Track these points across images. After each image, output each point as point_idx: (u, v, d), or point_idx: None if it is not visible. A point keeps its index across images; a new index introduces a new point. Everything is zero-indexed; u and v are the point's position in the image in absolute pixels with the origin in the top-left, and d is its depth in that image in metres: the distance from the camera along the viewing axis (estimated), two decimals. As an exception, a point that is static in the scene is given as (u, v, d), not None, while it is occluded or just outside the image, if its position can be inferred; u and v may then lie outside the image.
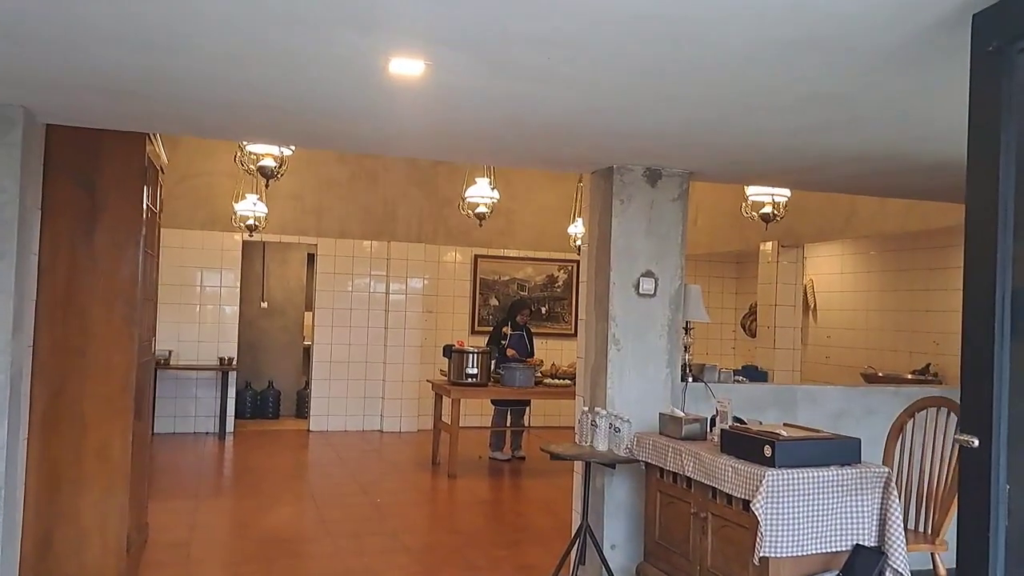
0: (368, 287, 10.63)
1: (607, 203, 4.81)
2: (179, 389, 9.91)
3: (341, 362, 10.51)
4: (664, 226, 4.85)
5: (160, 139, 5.14)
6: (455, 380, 8.11)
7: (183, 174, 9.93)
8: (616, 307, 4.76)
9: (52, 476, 4.31)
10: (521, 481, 8.16)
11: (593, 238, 4.99)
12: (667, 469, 4.10)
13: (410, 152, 5.33)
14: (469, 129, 3.93)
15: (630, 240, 4.79)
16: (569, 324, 11.47)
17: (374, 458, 8.90)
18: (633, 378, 4.78)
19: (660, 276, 4.84)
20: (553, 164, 5.08)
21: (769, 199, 6.75)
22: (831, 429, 4.71)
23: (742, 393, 5.04)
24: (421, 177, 10.77)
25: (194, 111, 3.82)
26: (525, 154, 4.61)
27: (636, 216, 4.79)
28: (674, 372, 4.87)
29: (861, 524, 3.47)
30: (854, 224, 7.90)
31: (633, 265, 4.79)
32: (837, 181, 5.19)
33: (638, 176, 4.80)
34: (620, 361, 4.75)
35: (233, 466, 8.57)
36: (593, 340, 4.91)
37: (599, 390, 4.82)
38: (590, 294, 4.99)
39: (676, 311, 4.87)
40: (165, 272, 10.02)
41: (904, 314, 9.20)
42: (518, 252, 11.26)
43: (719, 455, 3.72)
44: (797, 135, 3.87)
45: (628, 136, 3.98)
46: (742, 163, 4.65)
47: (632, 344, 4.78)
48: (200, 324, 10.03)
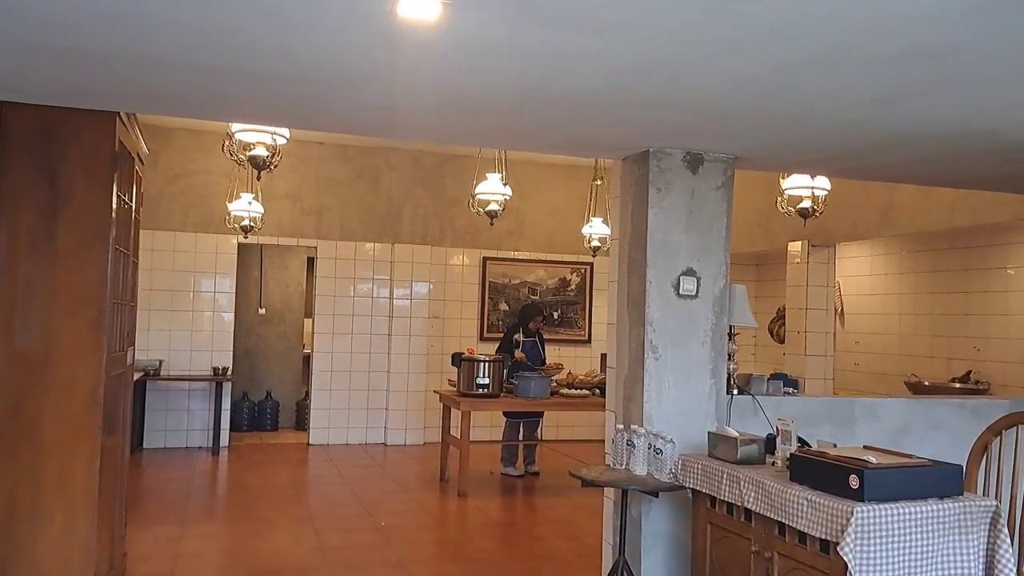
0: (371, 292, 10.07)
1: (642, 192, 4.23)
2: (170, 401, 9.35)
3: (342, 371, 9.94)
4: (706, 218, 4.27)
5: (139, 126, 4.59)
6: (465, 391, 7.53)
7: (176, 173, 9.40)
8: (653, 310, 4.17)
9: (6, 507, 3.74)
10: (536, 500, 7.57)
11: (625, 232, 4.41)
12: (720, 498, 3.51)
13: (414, 134, 4.66)
14: (485, 99, 3.35)
15: (668, 234, 4.21)
16: (583, 330, 10.89)
17: (378, 474, 8.31)
18: (673, 391, 4.20)
19: (702, 275, 4.26)
20: (579, 147, 4.49)
21: (808, 192, 6.17)
22: (892, 447, 4.13)
23: (793, 407, 4.44)
24: (427, 176, 10.21)
25: (167, 80, 3.25)
26: (547, 135, 4.03)
27: (675, 207, 4.22)
28: (719, 384, 4.28)
29: (966, 568, 2.88)
30: (892, 220, 7.31)
31: (672, 262, 4.21)
32: (897, 167, 4.60)
33: (677, 161, 4.22)
34: (658, 371, 4.17)
35: (226, 485, 7.98)
36: (626, 348, 4.33)
37: (634, 404, 4.23)
38: (622, 295, 4.41)
39: (720, 314, 4.29)
40: (156, 277, 9.54)
41: (940, 318, 8.63)
42: (529, 254, 10.69)
43: (788, 484, 3.13)
44: (871, 106, 3.29)
45: (670, 106, 3.39)
46: (792, 145, 4.06)
47: (672, 352, 4.20)
48: (193, 332, 9.46)
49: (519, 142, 4.48)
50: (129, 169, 4.39)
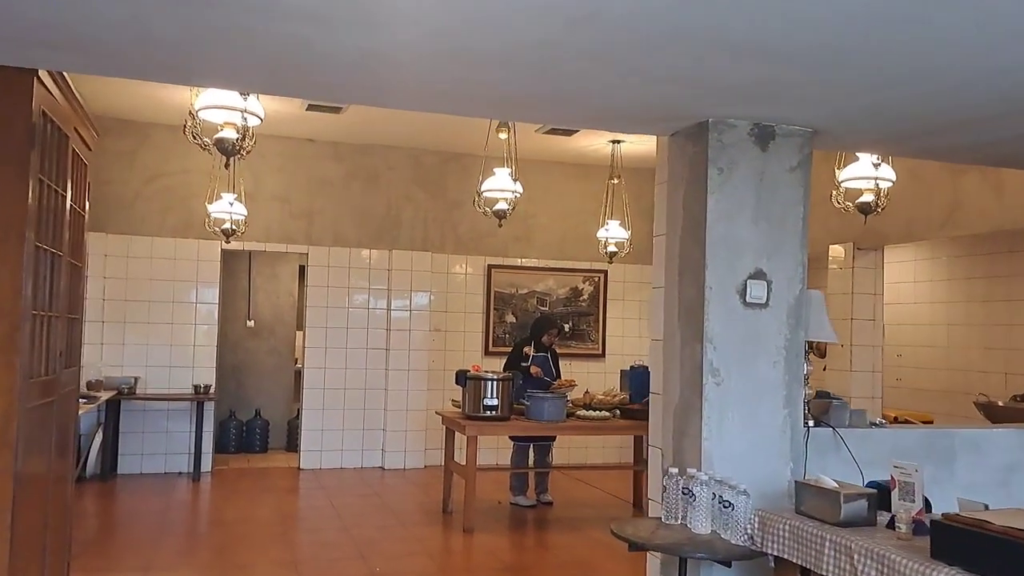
0: (367, 303, 9.23)
1: (698, 174, 3.40)
2: (147, 422, 8.49)
3: (336, 389, 9.08)
4: (778, 206, 3.44)
5: (84, 104, 3.76)
6: (471, 413, 6.68)
7: (153, 173, 8.59)
8: (714, 322, 3.33)
9: None
10: (551, 535, 6.69)
11: (674, 226, 3.57)
12: (821, 573, 2.65)
13: (411, 100, 3.61)
14: (502, 44, 2.52)
15: (732, 227, 3.37)
16: (596, 344, 10.04)
17: (374, 505, 7.44)
18: (738, 424, 3.35)
19: (774, 277, 3.42)
20: (618, 119, 3.63)
21: (870, 184, 5.31)
22: (1002, 486, 3.30)
23: (883, 442, 3.61)
24: (427, 176, 9.39)
25: (83, 18, 2.42)
26: (580, 101, 3.19)
27: (740, 192, 3.38)
28: (794, 414, 3.44)
29: None
30: (958, 220, 6.46)
31: (737, 262, 3.38)
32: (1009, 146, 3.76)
33: (743, 135, 3.39)
34: (720, 400, 3.32)
35: (203, 518, 7.12)
36: (677, 369, 3.48)
37: (688, 441, 3.38)
38: (671, 305, 3.56)
39: (796, 327, 3.44)
40: (133, 287, 8.69)
41: (996, 328, 7.80)
42: (537, 261, 9.85)
43: (930, 564, 2.27)
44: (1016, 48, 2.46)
45: (744, 49, 2.55)
46: (892, 112, 3.23)
47: (736, 375, 3.35)
48: (173, 346, 8.61)
49: (541, 111, 3.62)
50: (61, 150, 3.56)
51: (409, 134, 8.74)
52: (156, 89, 7.33)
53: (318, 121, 8.20)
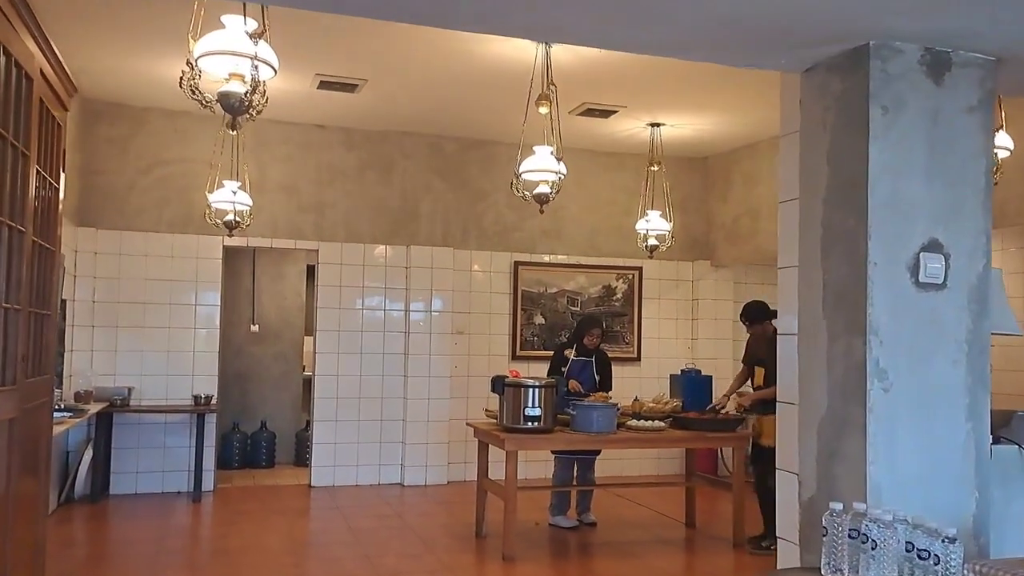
0: (382, 304, 8.44)
1: (851, 117, 2.60)
2: (143, 437, 7.70)
3: (350, 398, 8.28)
4: (956, 159, 2.65)
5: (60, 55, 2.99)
6: (510, 425, 5.87)
7: (149, 162, 7.84)
8: (878, 308, 2.53)
9: None
10: (604, 563, 5.88)
11: (812, 187, 2.77)
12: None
13: (435, 15, 2.72)
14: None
15: (900, 184, 2.58)
16: (631, 346, 9.24)
17: (396, 528, 6.63)
18: (909, 442, 2.55)
19: (952, 250, 2.62)
20: (740, 44, 2.81)
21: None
22: None
23: (1081, 462, 2.80)
24: (448, 165, 8.61)
25: None
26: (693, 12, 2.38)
27: (910, 139, 2.59)
28: (979, 428, 2.64)
29: None
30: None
31: (907, 230, 2.58)
32: None
33: (912, 63, 2.60)
34: (889, 411, 2.52)
35: (205, 546, 6.30)
36: (823, 371, 2.68)
37: (845, 465, 2.58)
38: (811, 288, 2.76)
39: (980, 315, 2.65)
40: (126, 287, 7.87)
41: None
42: (567, 257, 9.06)
43: None
44: None
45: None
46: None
47: (907, 376, 2.55)
48: (170, 353, 7.83)
49: (633, 34, 2.79)
50: (22, 94, 2.77)
51: (428, 119, 7.97)
52: (152, 68, 6.55)
53: (329, 104, 7.41)
